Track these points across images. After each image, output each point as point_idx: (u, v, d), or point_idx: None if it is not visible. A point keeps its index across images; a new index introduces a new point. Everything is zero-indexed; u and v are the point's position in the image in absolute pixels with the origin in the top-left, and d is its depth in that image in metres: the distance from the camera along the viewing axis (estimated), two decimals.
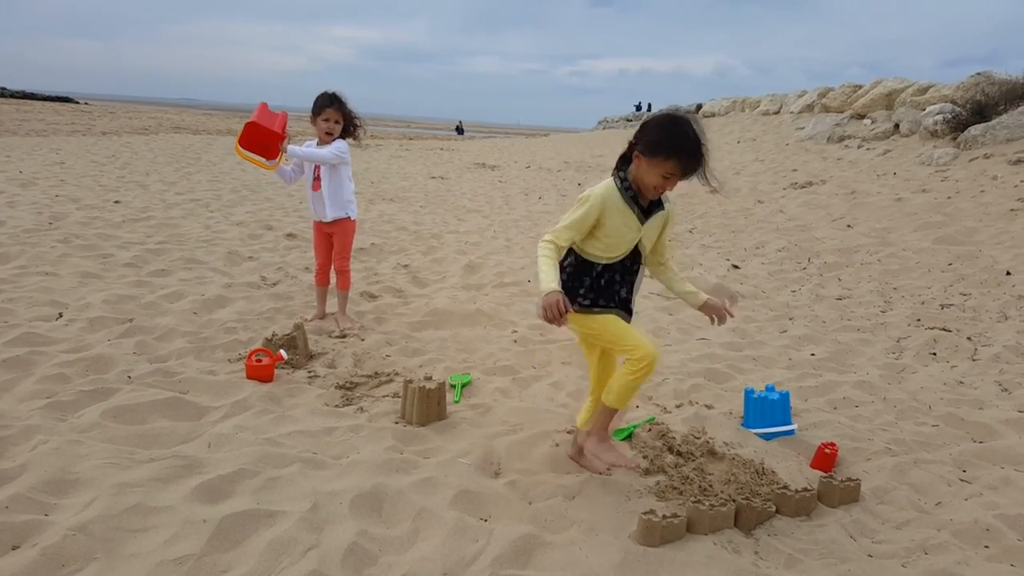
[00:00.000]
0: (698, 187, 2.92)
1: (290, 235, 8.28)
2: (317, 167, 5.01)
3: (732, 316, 3.14)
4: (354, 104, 5.04)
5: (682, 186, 2.91)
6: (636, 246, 2.97)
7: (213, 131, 30.13)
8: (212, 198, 10.74)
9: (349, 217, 5.14)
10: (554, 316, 2.64)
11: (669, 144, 2.73)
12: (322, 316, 5.29)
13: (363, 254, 7.70)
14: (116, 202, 9.51)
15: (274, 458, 3.09)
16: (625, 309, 3.05)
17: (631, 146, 2.86)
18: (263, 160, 4.62)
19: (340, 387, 4.01)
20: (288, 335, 4.32)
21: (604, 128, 42.06)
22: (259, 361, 3.99)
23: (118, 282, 5.75)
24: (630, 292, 3.07)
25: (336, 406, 3.79)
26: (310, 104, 4.98)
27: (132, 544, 2.45)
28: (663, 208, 2.99)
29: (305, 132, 5.82)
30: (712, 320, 3.14)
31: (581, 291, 2.98)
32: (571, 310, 2.73)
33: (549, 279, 2.72)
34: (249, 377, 3.96)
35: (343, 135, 5.02)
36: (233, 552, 2.47)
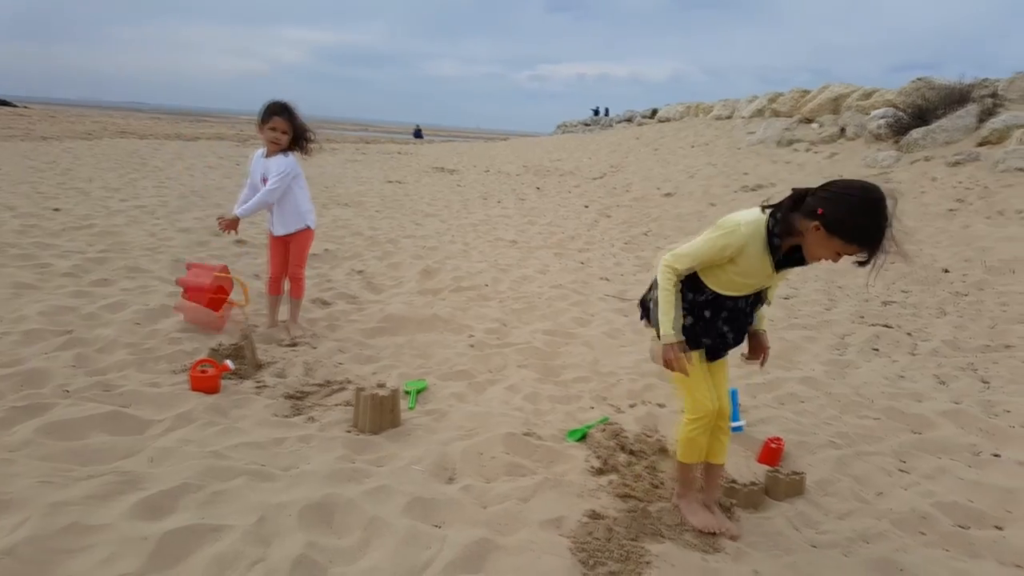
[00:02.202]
0: (652, 191, 2.87)
1: (239, 241, 8.11)
2: (264, 179, 4.87)
3: (762, 366, 2.92)
4: (309, 108, 4.97)
5: (636, 190, 2.87)
6: (758, 292, 2.73)
7: (161, 135, 29.43)
8: (158, 204, 10.47)
9: (308, 227, 5.06)
10: (680, 368, 2.56)
11: (866, 235, 2.32)
12: (273, 325, 5.15)
13: (316, 260, 7.58)
14: (55, 210, 9.20)
15: (219, 471, 3.00)
16: (721, 347, 2.81)
17: (808, 206, 2.43)
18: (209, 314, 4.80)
19: (290, 397, 3.93)
20: (235, 345, 4.22)
21: (563, 132, 42.32)
22: (204, 372, 3.88)
23: (56, 292, 5.54)
24: (737, 333, 2.79)
25: (285, 416, 3.71)
26: (254, 106, 4.90)
27: (66, 565, 2.35)
28: (803, 263, 2.59)
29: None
30: (750, 353, 2.90)
31: (694, 321, 2.72)
32: (691, 361, 2.60)
33: (670, 323, 2.54)
34: (194, 389, 3.85)
35: (291, 146, 4.89)
36: (175, 569, 2.39)
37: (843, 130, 15.48)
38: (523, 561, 2.53)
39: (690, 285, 2.69)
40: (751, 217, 2.54)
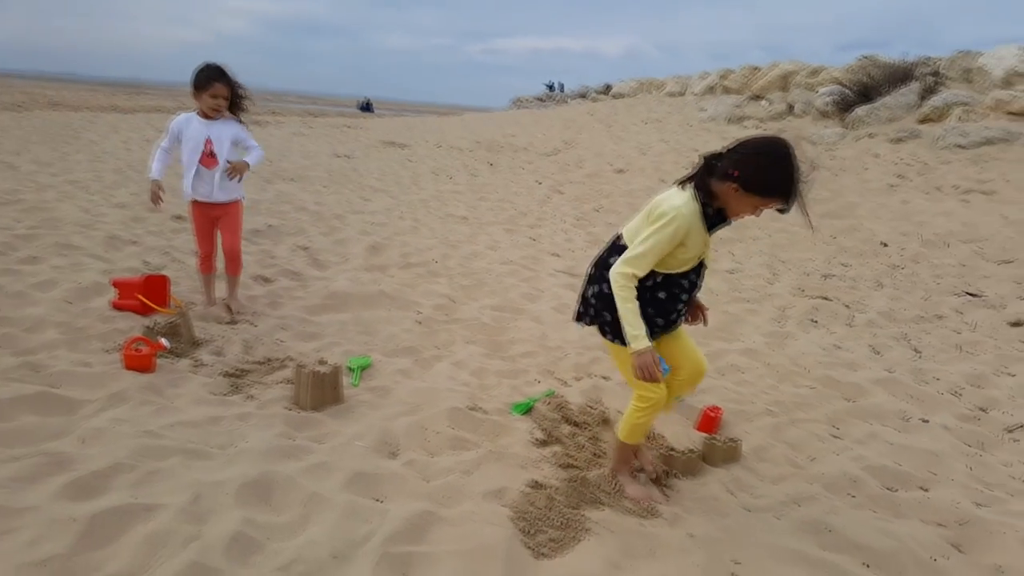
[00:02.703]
0: (604, 167, 2.86)
1: (177, 217, 7.88)
2: (208, 141, 4.62)
3: (705, 324, 2.96)
4: (253, 79, 4.82)
5: (588, 166, 2.86)
6: (700, 261, 2.75)
7: (96, 107, 28.32)
8: (92, 179, 10.08)
9: (242, 197, 4.90)
10: (650, 377, 2.57)
11: (778, 186, 2.43)
12: (211, 304, 4.99)
13: (258, 236, 7.42)
14: None
15: (153, 451, 2.93)
16: (676, 321, 2.81)
17: (721, 169, 2.51)
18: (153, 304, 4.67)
19: (228, 375, 3.85)
20: (170, 322, 4.10)
21: (517, 107, 42.13)
22: (138, 350, 3.77)
23: None
24: (689, 303, 2.82)
25: (223, 395, 3.63)
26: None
27: None
28: (728, 223, 2.68)
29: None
30: (689, 317, 2.92)
31: (649, 309, 2.69)
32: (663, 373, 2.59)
33: (639, 331, 2.53)
34: (127, 367, 3.74)
35: (231, 109, 4.72)
36: (106, 549, 2.33)
37: (791, 107, 15.73)
38: (464, 531, 2.54)
39: (654, 281, 2.67)
40: (681, 198, 2.57)
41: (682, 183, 2.63)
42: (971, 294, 5.75)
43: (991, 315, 5.31)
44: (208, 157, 4.66)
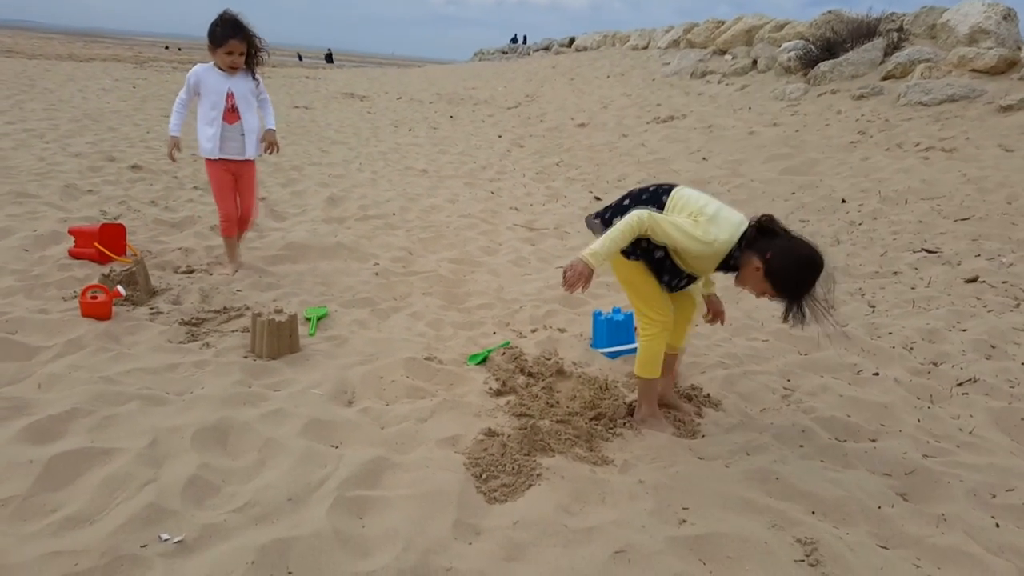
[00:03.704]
0: (566, 121, 2.93)
1: (135, 167, 7.75)
2: (230, 95, 4.50)
3: (723, 324, 3.32)
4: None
5: (550, 120, 2.91)
6: None
7: (52, 56, 27.33)
8: (48, 128, 9.83)
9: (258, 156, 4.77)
10: (571, 285, 2.67)
11: (794, 290, 2.70)
12: (239, 268, 4.81)
13: None
14: None
15: (110, 396, 2.96)
16: (673, 289, 3.02)
17: (760, 246, 2.70)
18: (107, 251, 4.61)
19: (185, 323, 3.86)
20: (127, 270, 4.09)
21: (480, 60, 41.49)
22: (95, 298, 3.76)
23: None
24: (689, 279, 3.03)
25: (180, 343, 3.66)
26: (154, 27, 4.60)
27: None
28: (734, 272, 2.86)
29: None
30: (707, 313, 3.24)
31: (634, 248, 2.89)
32: (584, 289, 2.74)
33: (599, 250, 2.65)
34: (84, 315, 3.74)
35: (247, 64, 4.55)
36: (64, 491, 2.38)
37: (755, 62, 15.76)
38: (418, 476, 2.62)
39: (649, 241, 2.84)
40: (726, 236, 2.70)
41: (751, 223, 2.76)
42: (928, 251, 5.89)
43: (947, 271, 5.45)
44: (230, 112, 4.52)
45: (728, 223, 2.73)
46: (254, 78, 4.63)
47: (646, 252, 2.90)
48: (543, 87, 19.04)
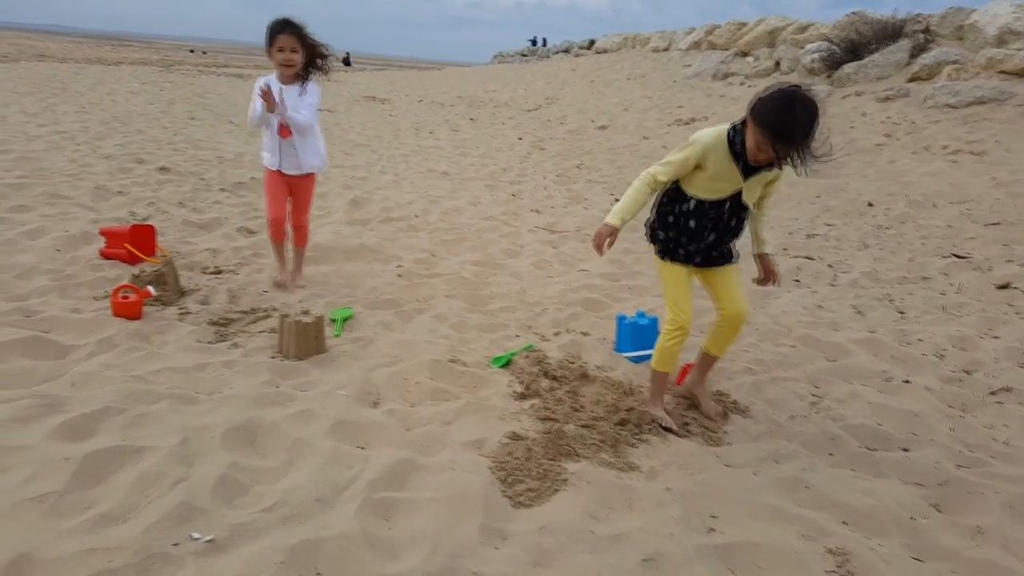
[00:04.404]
0: (586, 123, 2.96)
1: (163, 168, 7.85)
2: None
3: (777, 286, 3.26)
4: (234, 33, 4.73)
5: (570, 122, 2.93)
6: (737, 197, 2.98)
7: (82, 59, 27.74)
8: (79, 130, 9.98)
9: (319, 171, 4.63)
10: (597, 245, 2.94)
11: (769, 118, 2.65)
12: (286, 273, 4.68)
13: (242, 189, 7.42)
14: None
15: (142, 395, 3.00)
16: (706, 256, 3.11)
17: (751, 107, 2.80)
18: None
19: (213, 323, 3.91)
20: (157, 271, 4.14)
21: (500, 63, 41.54)
22: (126, 298, 3.82)
23: None
24: (720, 237, 3.08)
25: (209, 342, 3.70)
26: (180, 31, 4.62)
27: None
28: (770, 170, 2.93)
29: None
30: (760, 276, 3.22)
31: (663, 228, 3.11)
32: (609, 247, 2.97)
33: (617, 211, 2.95)
34: (115, 315, 3.79)
35: (309, 67, 4.35)
36: (97, 488, 2.41)
37: (778, 64, 15.66)
38: (444, 479, 2.63)
39: (675, 198, 3.06)
40: (713, 130, 2.92)
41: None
42: (957, 256, 5.80)
43: (977, 277, 5.35)
44: (284, 128, 4.39)
45: (709, 129, 2.96)
46: (304, 86, 4.39)
47: (679, 218, 3.05)
48: (563, 89, 19.04)
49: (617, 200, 3.13)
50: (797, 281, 5.38)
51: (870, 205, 7.26)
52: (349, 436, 2.91)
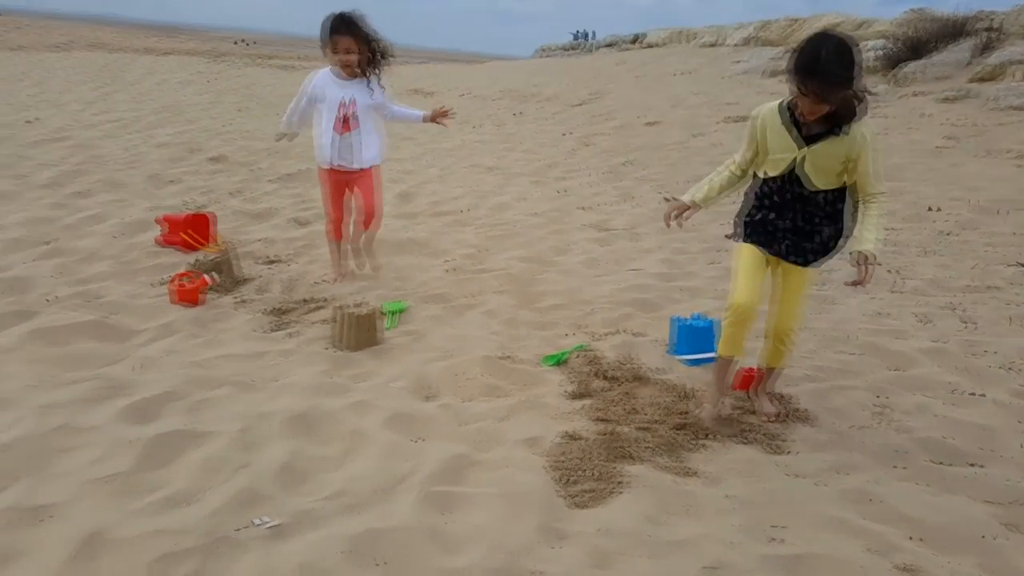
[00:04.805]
0: (634, 119, 2.94)
1: (214, 158, 7.99)
2: (343, 104, 4.27)
3: (864, 285, 2.95)
4: (277, 25, 4.65)
5: (618, 118, 2.89)
6: (801, 171, 2.88)
7: (132, 49, 28.42)
8: (133, 119, 10.23)
9: (379, 164, 4.55)
10: (665, 216, 3.10)
11: (797, 59, 2.67)
12: (342, 275, 4.67)
13: (292, 180, 7.51)
14: (28, 121, 8.97)
15: (203, 381, 3.06)
16: (780, 247, 3.03)
17: None
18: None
19: (270, 312, 3.96)
20: (215, 259, 4.22)
21: (543, 56, 41.38)
22: (185, 285, 3.90)
23: (36, 203, 5.49)
24: (796, 225, 2.98)
25: (266, 331, 3.75)
26: (226, 22, 4.64)
27: (59, 463, 2.43)
28: (837, 134, 2.80)
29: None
30: (857, 274, 2.92)
31: (747, 214, 3.09)
32: (678, 223, 3.10)
33: (693, 190, 3.11)
34: (175, 301, 3.87)
35: (370, 64, 4.27)
36: (163, 471, 2.47)
37: None
38: (500, 476, 2.62)
39: (755, 183, 3.06)
40: (770, 103, 2.93)
41: None
42: None
43: None
44: (343, 123, 4.30)
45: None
46: (369, 85, 4.33)
47: (762, 199, 3.03)
48: (610, 84, 18.86)
49: (674, 199, 3.14)
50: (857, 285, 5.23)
51: (932, 210, 7.05)
52: (405, 428, 2.92)
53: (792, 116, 2.84)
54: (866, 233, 2.90)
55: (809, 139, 2.83)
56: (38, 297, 3.79)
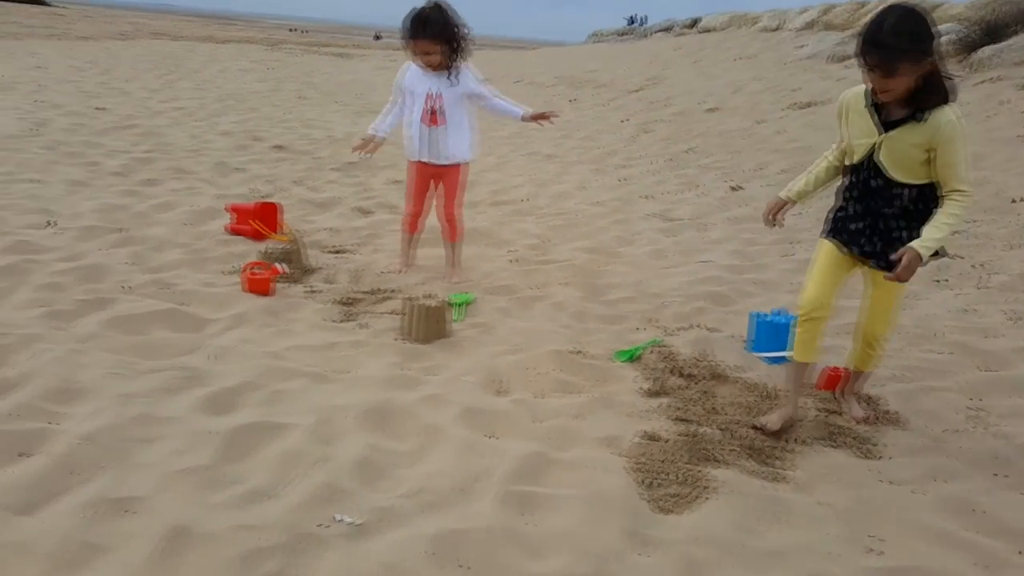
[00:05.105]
0: (694, 105, 2.80)
1: (277, 147, 8.06)
2: (430, 96, 4.17)
3: (900, 280, 2.65)
4: (324, 11, 4.48)
5: (677, 104, 2.76)
6: (879, 159, 2.70)
7: (192, 38, 29.07)
8: (197, 107, 10.42)
9: (468, 160, 4.44)
10: (764, 217, 3.07)
11: (862, 32, 2.54)
12: (407, 266, 4.60)
13: (353, 169, 7.52)
14: (99, 109, 9.19)
15: (278, 372, 3.05)
16: (864, 246, 2.83)
17: None
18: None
19: (339, 303, 3.95)
20: (284, 248, 4.22)
21: (595, 42, 40.92)
22: (257, 274, 3.91)
23: (107, 191, 5.60)
24: (876, 220, 2.79)
25: (336, 322, 3.74)
26: (280, 10, 4.62)
27: (140, 454, 2.43)
28: (919, 120, 2.58)
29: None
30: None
31: (835, 209, 2.94)
32: (778, 221, 3.04)
33: (790, 185, 3.04)
34: (247, 290, 3.89)
35: (452, 56, 4.11)
36: (243, 463, 2.45)
37: None
38: (581, 477, 2.54)
39: (847, 173, 2.91)
40: (858, 86, 2.79)
41: None
42: None
43: None
44: (430, 115, 4.20)
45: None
46: (453, 77, 4.19)
47: (849, 191, 2.88)
48: (667, 70, 18.51)
49: (741, 188, 3.03)
50: (941, 281, 4.99)
51: (1014, 202, 6.70)
52: (479, 424, 2.86)
53: (874, 100, 2.68)
54: (925, 230, 2.63)
55: (889, 125, 2.66)
56: (113, 285, 3.85)
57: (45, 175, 5.84)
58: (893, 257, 2.63)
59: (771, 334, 3.64)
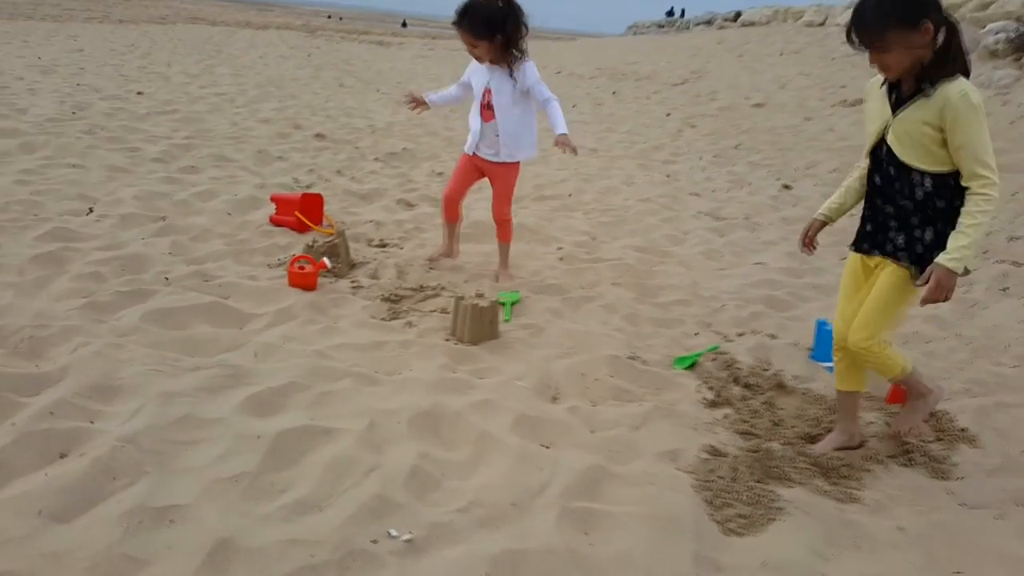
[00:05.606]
0: (740, 100, 2.60)
1: (319, 135, 7.97)
2: (487, 91, 4.01)
3: (934, 302, 2.43)
4: (365, 1, 4.21)
5: (721, 99, 2.57)
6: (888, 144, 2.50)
7: (231, 23, 29.22)
8: (237, 93, 10.37)
9: (520, 161, 4.23)
10: (799, 239, 2.87)
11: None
12: (448, 255, 4.48)
13: (395, 159, 7.41)
14: (139, 93, 9.18)
15: (325, 371, 2.93)
16: (870, 237, 2.65)
17: None
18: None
19: (386, 299, 3.82)
20: (330, 242, 4.10)
21: (635, 34, 40.45)
22: (302, 268, 3.79)
23: (147, 177, 5.52)
24: (885, 208, 2.58)
25: (382, 319, 3.61)
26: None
27: (183, 458, 2.31)
28: (929, 96, 2.37)
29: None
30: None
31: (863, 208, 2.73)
32: (812, 245, 2.86)
33: (828, 202, 2.84)
34: (292, 285, 3.77)
35: (503, 51, 3.89)
36: (290, 471, 2.33)
37: None
38: (644, 494, 2.39)
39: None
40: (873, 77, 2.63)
41: None
42: None
43: None
44: (486, 109, 4.07)
45: None
46: (511, 75, 3.98)
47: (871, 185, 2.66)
48: (709, 63, 18.16)
49: (789, 187, 2.84)
50: (1004, 290, 4.75)
51: None
52: (533, 433, 2.72)
53: (887, 80, 2.52)
54: (951, 239, 2.37)
55: (900, 104, 2.48)
56: (155, 276, 3.75)
57: (85, 160, 5.78)
58: (918, 283, 2.46)
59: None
